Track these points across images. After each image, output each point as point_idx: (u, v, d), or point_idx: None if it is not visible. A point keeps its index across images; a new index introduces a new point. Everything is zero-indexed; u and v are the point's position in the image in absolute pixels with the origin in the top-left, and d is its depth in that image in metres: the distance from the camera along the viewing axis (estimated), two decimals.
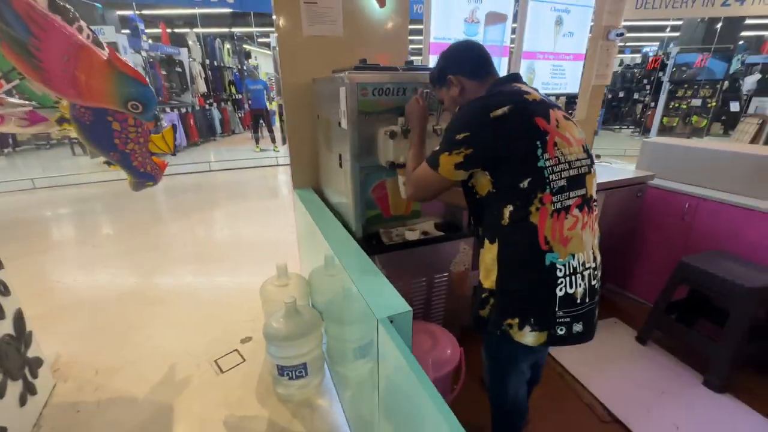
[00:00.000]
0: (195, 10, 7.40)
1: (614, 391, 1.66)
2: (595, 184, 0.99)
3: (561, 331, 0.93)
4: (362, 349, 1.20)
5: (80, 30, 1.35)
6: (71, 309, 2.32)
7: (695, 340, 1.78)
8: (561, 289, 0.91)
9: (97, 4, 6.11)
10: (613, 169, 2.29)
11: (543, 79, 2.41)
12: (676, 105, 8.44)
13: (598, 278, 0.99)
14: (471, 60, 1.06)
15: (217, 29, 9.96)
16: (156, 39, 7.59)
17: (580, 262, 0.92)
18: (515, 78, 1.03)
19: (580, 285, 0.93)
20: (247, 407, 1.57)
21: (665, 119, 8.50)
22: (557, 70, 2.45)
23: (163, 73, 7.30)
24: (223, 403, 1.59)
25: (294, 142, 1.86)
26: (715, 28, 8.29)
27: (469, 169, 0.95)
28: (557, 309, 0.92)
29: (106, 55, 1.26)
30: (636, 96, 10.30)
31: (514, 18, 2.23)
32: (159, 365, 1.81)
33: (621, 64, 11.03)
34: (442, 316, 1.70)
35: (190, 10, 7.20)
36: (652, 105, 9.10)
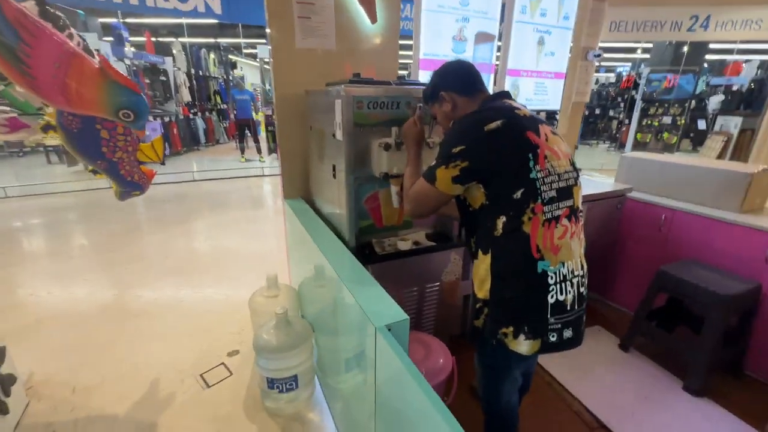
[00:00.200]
0: (182, 20, 7.36)
1: (600, 397, 1.70)
2: (581, 196, 1.04)
3: (553, 337, 0.96)
4: (356, 359, 1.20)
5: (71, 37, 1.34)
6: (46, 323, 2.22)
7: (675, 346, 1.85)
8: (552, 296, 0.94)
9: (80, 11, 6.00)
10: (594, 182, 2.38)
11: (527, 95, 2.51)
12: (649, 122, 8.88)
13: (585, 285, 1.03)
14: (462, 77, 1.11)
15: (203, 39, 9.92)
16: (140, 47, 7.50)
17: (570, 270, 0.96)
18: (505, 95, 1.08)
19: (569, 292, 0.97)
20: (235, 423, 1.53)
21: (639, 135, 8.91)
22: (540, 87, 2.56)
23: (147, 81, 7.19)
24: (210, 419, 1.54)
25: (285, 153, 1.86)
26: (682, 51, 8.82)
27: (466, 183, 0.98)
28: (549, 316, 0.95)
29: (98, 63, 1.25)
30: (611, 113, 10.79)
31: (499, 37, 2.33)
32: (141, 382, 1.74)
33: (597, 82, 11.56)
34: (433, 326, 1.71)
35: (176, 20, 7.15)
36: (626, 122, 9.55)
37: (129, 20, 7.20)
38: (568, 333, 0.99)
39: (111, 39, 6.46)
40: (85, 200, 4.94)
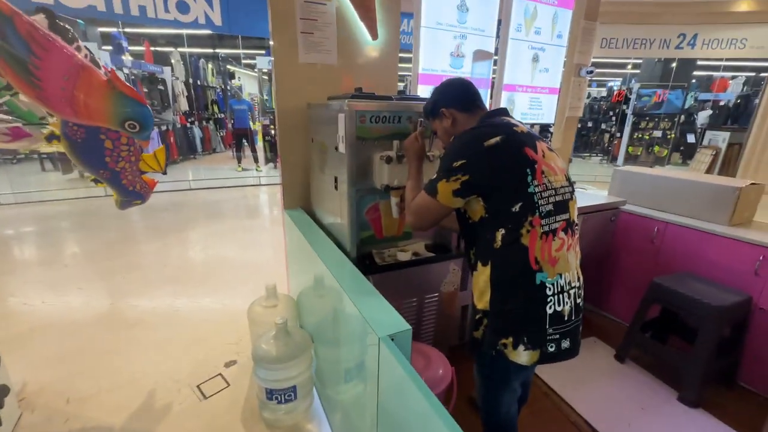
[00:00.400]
0: (182, 31, 7.44)
1: (597, 408, 1.72)
2: (576, 210, 1.08)
3: (551, 348, 0.98)
4: (356, 369, 1.21)
5: (79, 50, 1.37)
6: (40, 332, 2.19)
7: (669, 358, 1.88)
8: (550, 307, 0.97)
9: (80, 21, 6.05)
10: (588, 194, 2.44)
11: (522, 109, 2.57)
12: (640, 136, 9.08)
13: (581, 296, 1.06)
14: (462, 95, 1.15)
15: (202, 49, 10.01)
16: (139, 56, 7.55)
17: (567, 281, 0.99)
18: (503, 112, 1.13)
19: (567, 303, 0.99)
20: None
21: (630, 148, 9.09)
22: (534, 102, 2.62)
23: (145, 90, 7.22)
24: (207, 431, 1.52)
25: (286, 164, 1.89)
26: (671, 67, 9.08)
27: (466, 197, 1.01)
28: (548, 326, 0.97)
29: (106, 75, 1.27)
30: (603, 126, 11.00)
31: (495, 52, 2.40)
32: (137, 392, 1.72)
33: (588, 96, 11.81)
34: (432, 337, 1.72)
35: (176, 31, 7.23)
36: (618, 135, 9.74)
37: (128, 30, 7.26)
38: (565, 343, 1.01)
39: (110, 48, 6.50)
40: (80, 208, 4.90)
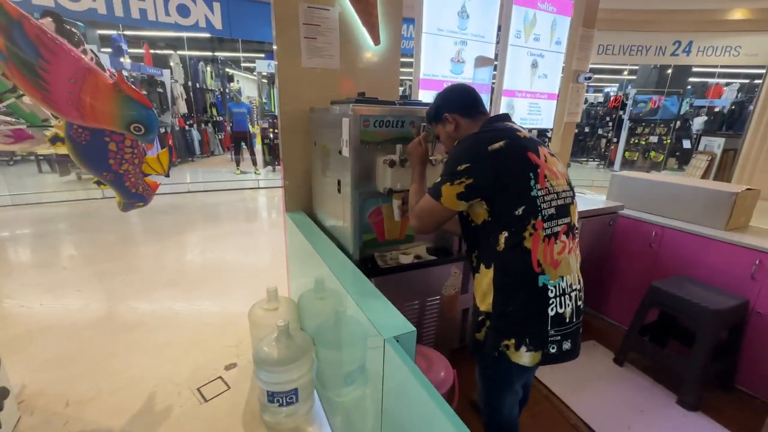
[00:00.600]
0: (183, 34, 7.46)
1: (597, 411, 1.73)
2: (577, 213, 1.10)
3: (553, 349, 1.00)
4: (359, 372, 1.21)
5: (84, 53, 1.38)
6: (38, 335, 2.17)
7: (668, 360, 1.89)
8: (552, 309, 0.98)
9: (79, 23, 6.06)
10: (586, 199, 2.46)
11: (521, 115, 2.61)
12: (636, 141, 9.16)
13: (582, 299, 1.07)
14: (465, 100, 1.17)
15: (201, 53, 10.04)
16: (138, 59, 7.56)
17: (568, 284, 1.00)
18: (506, 117, 1.15)
19: (568, 305, 1.01)
20: None
21: (627, 153, 9.18)
22: (533, 108, 2.66)
23: (144, 93, 7.23)
24: None
25: (288, 167, 1.90)
26: (667, 73, 9.21)
27: (470, 200, 1.02)
28: (549, 328, 0.98)
29: (112, 77, 1.29)
30: (600, 131, 11.09)
31: (495, 58, 2.43)
32: (137, 395, 1.72)
33: (586, 102, 11.92)
34: (433, 339, 1.73)
35: (176, 34, 7.25)
36: (615, 140, 9.83)
37: (128, 32, 7.28)
38: (567, 345, 1.02)
39: (110, 50, 6.51)
40: (78, 210, 4.89)
